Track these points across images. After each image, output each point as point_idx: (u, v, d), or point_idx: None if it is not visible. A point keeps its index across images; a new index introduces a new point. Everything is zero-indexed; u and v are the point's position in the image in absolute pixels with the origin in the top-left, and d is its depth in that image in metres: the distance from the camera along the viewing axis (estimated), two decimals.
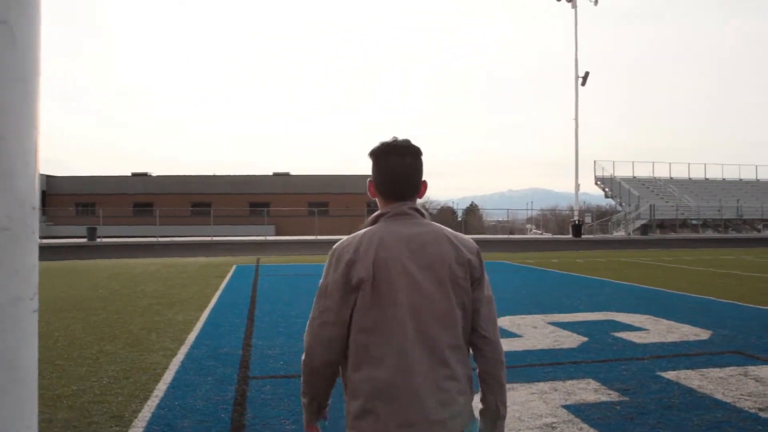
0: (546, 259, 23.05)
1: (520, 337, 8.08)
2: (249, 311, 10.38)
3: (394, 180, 2.18)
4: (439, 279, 2.07)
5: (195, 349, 7.40)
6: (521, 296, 12.16)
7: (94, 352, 7.28)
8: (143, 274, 16.97)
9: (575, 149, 43.91)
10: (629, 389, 5.64)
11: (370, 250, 2.06)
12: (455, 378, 2.07)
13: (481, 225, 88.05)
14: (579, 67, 44.13)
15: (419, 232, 2.12)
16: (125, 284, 14.50)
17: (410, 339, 2.02)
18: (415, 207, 2.19)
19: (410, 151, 2.17)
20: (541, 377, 6.08)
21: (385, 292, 2.04)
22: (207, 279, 15.72)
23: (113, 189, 60.40)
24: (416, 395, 1.99)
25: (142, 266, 19.93)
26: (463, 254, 2.13)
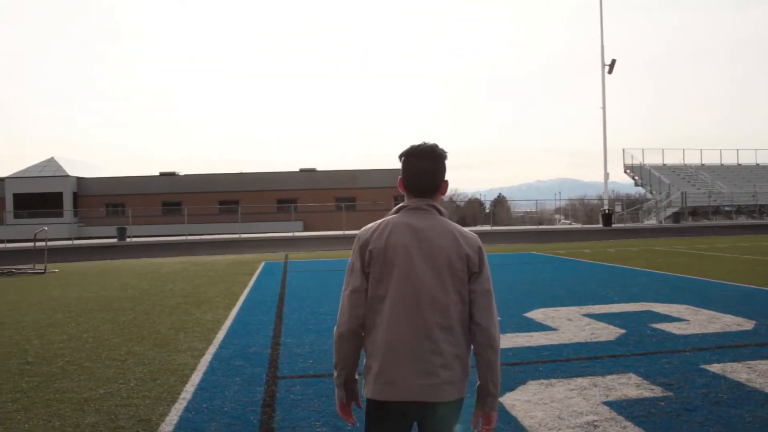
0: (577, 249, 22.69)
1: (556, 330, 7.84)
2: (277, 308, 10.27)
3: (415, 179, 2.56)
4: (438, 267, 2.44)
5: (223, 349, 7.28)
6: (554, 288, 11.89)
7: (123, 353, 7.20)
8: (171, 273, 16.97)
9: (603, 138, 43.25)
10: (673, 384, 5.39)
11: (383, 235, 2.50)
12: (440, 353, 2.40)
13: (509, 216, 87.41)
14: (605, 55, 43.42)
15: (429, 226, 2.51)
16: (154, 284, 14.49)
17: (404, 313, 2.42)
18: (433, 204, 2.56)
19: (431, 155, 2.54)
20: (579, 372, 5.85)
21: (389, 270, 2.45)
22: (235, 276, 15.66)
23: (142, 189, 60.90)
24: (401, 360, 2.40)
25: (170, 265, 19.97)
26: (463, 249, 2.47)
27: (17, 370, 6.51)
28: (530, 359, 6.41)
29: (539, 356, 6.53)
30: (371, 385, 2.46)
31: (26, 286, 14.88)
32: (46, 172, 61.12)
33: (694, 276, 13.24)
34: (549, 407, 4.90)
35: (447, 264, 2.44)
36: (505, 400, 5.10)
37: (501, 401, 5.04)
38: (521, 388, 5.41)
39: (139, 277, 16.29)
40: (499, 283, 12.84)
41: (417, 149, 2.56)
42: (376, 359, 2.45)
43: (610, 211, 39.70)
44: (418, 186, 2.57)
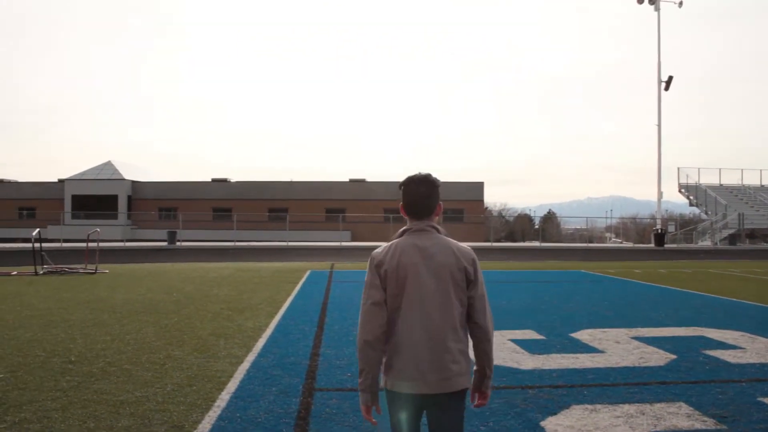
0: (627, 269, 22.14)
1: (602, 352, 7.57)
2: (319, 318, 10.20)
3: (413, 204, 3.02)
4: (442, 279, 2.91)
5: (262, 357, 7.23)
6: (602, 308, 11.56)
7: (162, 357, 7.20)
8: (218, 279, 17.10)
9: (658, 156, 42.30)
10: (727, 416, 5.10)
11: (395, 256, 2.94)
12: (449, 351, 2.87)
13: (559, 233, 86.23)
14: (662, 71, 42.53)
15: (431, 244, 2.97)
16: (199, 288, 14.59)
17: (417, 319, 2.86)
18: (433, 225, 3.03)
19: (426, 182, 3.02)
20: (626, 398, 5.60)
21: (402, 286, 2.90)
22: (280, 284, 15.68)
23: (194, 194, 61.96)
24: (417, 359, 2.84)
25: (217, 270, 20.14)
26: (461, 263, 2.95)
27: (60, 369, 6.56)
28: (575, 382, 6.18)
29: (584, 379, 6.30)
30: (394, 380, 2.88)
31: (76, 286, 15.16)
32: (102, 175, 62.72)
33: (751, 301, 12.73)
34: None
35: (449, 276, 2.92)
36: (547, 424, 4.90)
37: (543, 425, 4.87)
38: (564, 412, 5.20)
39: (185, 280, 16.44)
40: (545, 301, 12.56)
41: (413, 179, 3.03)
42: (397, 359, 2.88)
43: (663, 231, 38.75)
44: (417, 210, 3.03)
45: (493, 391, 5.80)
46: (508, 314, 10.71)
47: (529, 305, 11.90)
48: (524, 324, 9.68)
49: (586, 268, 22.20)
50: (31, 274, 18.27)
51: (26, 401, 5.41)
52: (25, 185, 64.72)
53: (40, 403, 5.38)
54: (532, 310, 11.29)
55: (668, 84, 42.14)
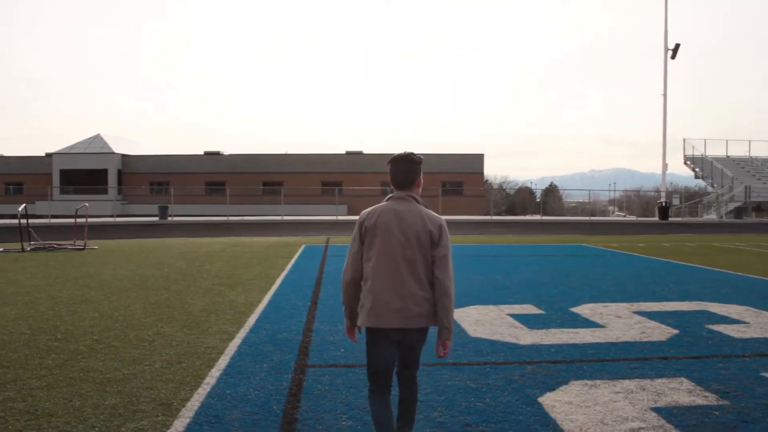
0: (630, 242, 22.16)
1: (603, 327, 7.58)
2: (313, 294, 10.20)
3: (396, 177, 3.77)
4: (409, 238, 3.63)
5: (253, 333, 7.23)
6: (604, 282, 11.57)
7: (151, 334, 7.19)
8: (210, 254, 17.09)
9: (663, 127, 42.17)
10: (729, 392, 5.10)
11: (374, 216, 3.71)
12: (412, 295, 3.61)
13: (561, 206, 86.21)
14: (669, 39, 42.22)
15: (406, 209, 3.69)
16: (191, 264, 14.59)
17: (386, 267, 3.63)
18: (411, 194, 3.74)
19: (407, 160, 3.75)
20: (627, 374, 5.60)
21: (377, 241, 3.67)
22: (274, 259, 15.68)
23: (186, 168, 61.73)
24: (385, 298, 3.60)
25: (209, 245, 20.12)
26: (428, 226, 3.65)
27: (45, 347, 6.55)
28: (574, 357, 6.19)
29: (584, 355, 6.30)
30: (365, 317, 3.65)
31: (65, 262, 15.14)
32: (92, 148, 62.44)
33: (756, 276, 12.75)
34: (592, 410, 4.68)
35: (415, 235, 3.64)
36: (545, 400, 4.90)
37: (540, 401, 4.88)
38: (563, 388, 5.20)
39: (176, 256, 16.43)
40: (545, 276, 12.56)
41: (398, 157, 3.77)
42: (368, 299, 3.65)
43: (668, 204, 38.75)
44: (399, 182, 3.77)
45: (490, 366, 5.83)
46: (507, 289, 10.72)
47: (529, 280, 11.91)
48: (524, 299, 9.69)
49: (589, 242, 22.21)
50: (18, 250, 18.24)
51: (10, 380, 5.40)
52: (11, 159, 64.42)
53: (24, 381, 5.37)
54: (532, 284, 11.29)
55: (675, 52, 41.86)
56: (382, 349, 3.68)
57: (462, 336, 7.11)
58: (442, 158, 61.64)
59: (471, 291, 10.39)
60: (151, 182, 61.30)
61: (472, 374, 5.62)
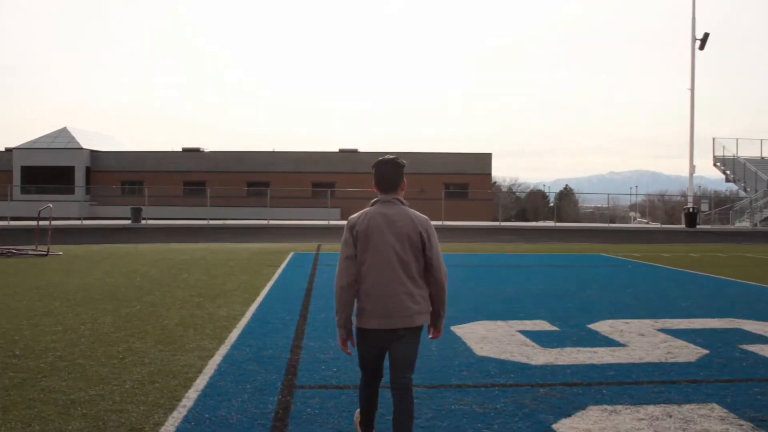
0: (654, 252, 22.18)
1: (624, 346, 7.56)
2: (302, 306, 10.20)
3: (380, 181, 4.29)
4: (401, 239, 4.14)
5: (235, 350, 7.20)
6: (625, 296, 11.56)
7: (121, 350, 7.16)
8: (188, 261, 17.07)
9: (690, 125, 42.24)
10: (766, 419, 5.07)
11: (364, 221, 4.21)
12: (409, 294, 4.13)
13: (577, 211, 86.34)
14: (696, 28, 42.32)
15: (395, 212, 4.21)
16: (166, 272, 14.56)
17: (381, 270, 4.12)
18: (397, 197, 4.28)
19: (390, 163, 4.29)
20: (651, 398, 5.58)
21: (369, 244, 4.16)
22: (258, 268, 15.67)
23: (162, 166, 61.69)
24: (383, 300, 4.10)
25: (187, 252, 20.11)
26: (417, 228, 4.18)
27: (1, 364, 6.51)
28: (592, 380, 6.16)
29: (604, 377, 6.28)
30: (366, 319, 4.15)
31: (25, 270, 15.10)
32: (57, 143, 62.37)
33: None
34: None
35: (407, 237, 4.17)
36: (560, 427, 4.87)
37: (554, 428, 4.86)
38: (580, 414, 5.17)
39: (150, 264, 16.40)
40: (560, 288, 12.55)
41: (382, 161, 4.33)
42: (367, 302, 4.15)
43: (695, 210, 38.80)
44: (384, 185, 4.30)
45: (499, 389, 5.81)
46: (517, 302, 10.70)
47: (542, 292, 11.90)
48: (536, 313, 9.67)
49: (608, 251, 22.22)
50: None
51: None
52: None
53: None
54: (545, 297, 11.28)
55: (704, 42, 41.97)
56: (375, 349, 4.23)
57: (468, 355, 7.08)
58: (445, 158, 61.72)
59: (478, 305, 10.36)
60: (123, 181, 61.23)
61: (478, 398, 5.59)
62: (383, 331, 4.12)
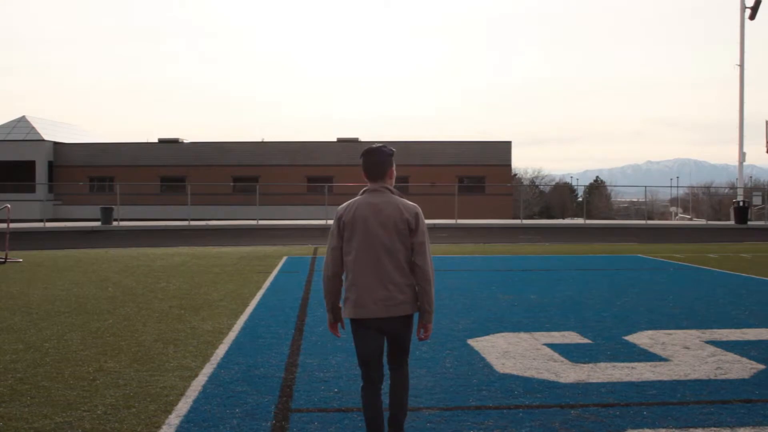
0: (699, 253, 22.15)
1: (667, 360, 7.55)
2: (298, 318, 10.21)
3: (368, 169, 4.89)
4: (388, 227, 4.70)
5: (222, 369, 7.22)
6: (666, 304, 11.55)
7: (92, 370, 7.17)
8: (167, 268, 17.09)
9: (739, 106, 42.22)
10: None
11: (351, 210, 4.81)
12: (395, 283, 4.69)
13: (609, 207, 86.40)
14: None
15: (382, 201, 4.78)
16: (142, 281, 14.59)
17: (367, 258, 4.70)
18: (386, 186, 4.86)
19: (378, 152, 4.88)
20: (699, 421, 5.58)
21: (356, 233, 4.74)
22: (247, 274, 15.69)
23: (136, 159, 61.85)
24: (368, 289, 4.68)
25: (166, 257, 20.14)
26: (404, 215, 4.74)
27: None
28: (631, 400, 6.16)
29: (644, 396, 6.27)
30: (350, 309, 4.75)
31: None
32: (15, 134, 62.50)
33: None
34: None
35: (393, 225, 4.73)
36: None
37: None
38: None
39: (124, 271, 16.43)
40: (591, 295, 12.54)
41: (369, 150, 4.91)
42: (352, 291, 4.75)
43: (746, 204, 38.77)
44: (371, 173, 4.90)
45: (523, 410, 5.81)
46: (544, 311, 10.69)
47: (571, 300, 11.89)
48: (564, 324, 9.67)
49: (645, 252, 22.20)
50: None
51: None
52: None
53: None
54: (575, 305, 11.27)
55: (755, 10, 41.87)
56: (369, 339, 4.77)
57: (487, 372, 7.08)
58: (459, 147, 61.74)
59: (497, 314, 10.36)
60: (91, 177, 61.41)
61: (500, 421, 5.59)
62: (371, 321, 4.70)
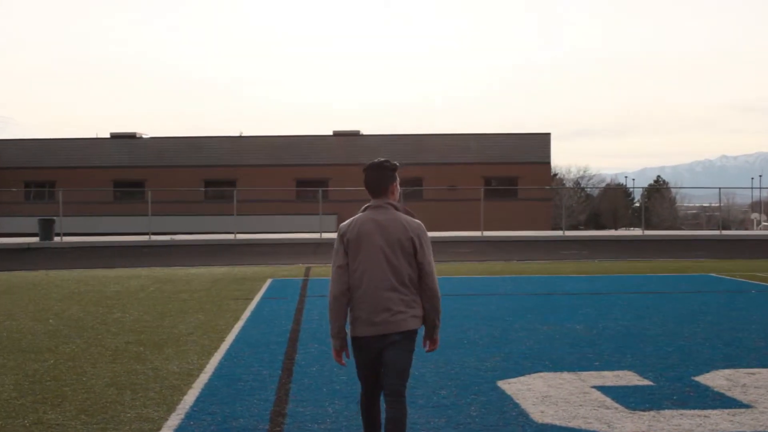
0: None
1: (749, 407, 7.56)
2: (286, 356, 10.23)
3: (369, 185, 5.84)
4: (393, 246, 5.66)
5: (192, 421, 7.23)
6: (748, 335, 11.53)
7: (28, 423, 7.18)
8: (122, 294, 17.09)
9: None
10: None
11: (355, 228, 5.76)
12: (400, 301, 5.62)
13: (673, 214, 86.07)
14: None
15: (386, 218, 5.72)
16: (91, 310, 14.59)
17: (372, 277, 5.65)
18: (390, 202, 5.78)
19: (379, 167, 5.83)
20: None
21: (360, 251, 5.71)
22: (223, 302, 15.69)
23: (83, 159, 61.75)
24: (374, 308, 5.62)
25: (121, 281, 20.14)
26: (408, 234, 5.68)
27: None
28: None
29: None
30: (357, 327, 5.65)
31: None
32: None
33: None
34: None
35: (398, 243, 5.66)
36: None
37: None
38: None
39: (69, 299, 16.44)
40: (652, 324, 12.52)
41: (370, 164, 5.84)
42: (360, 310, 5.64)
43: None
44: (373, 189, 5.82)
45: None
46: (592, 345, 10.66)
47: (626, 331, 11.87)
48: (618, 362, 9.67)
49: (720, 271, 22.15)
50: None
51: None
52: None
53: None
54: (631, 338, 11.25)
55: None
56: (372, 358, 5.70)
57: (522, 422, 7.07)
58: (485, 140, 61.64)
59: (535, 350, 10.34)
60: (27, 182, 61.48)
61: None
62: (374, 338, 5.62)
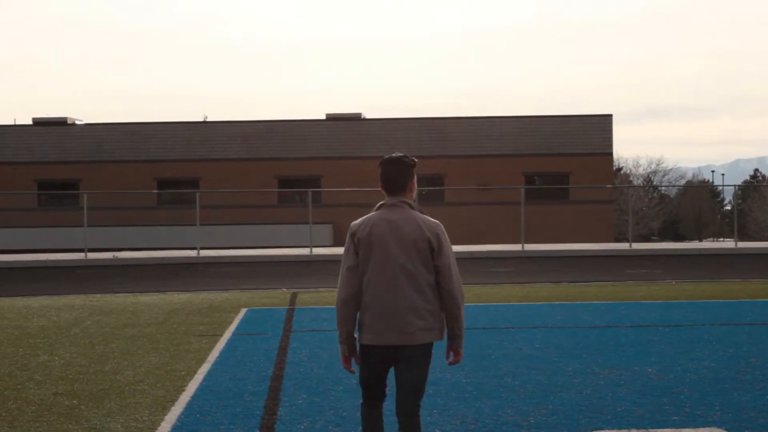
0: None
1: None
2: (265, 410, 10.25)
3: (386, 182, 7.01)
4: (407, 247, 6.77)
5: None
6: None
7: None
8: (50, 330, 17.11)
9: None
10: None
11: (367, 227, 6.93)
12: (414, 309, 6.68)
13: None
14: None
15: (400, 218, 6.86)
16: (9, 352, 14.64)
17: (385, 281, 6.78)
18: (405, 200, 6.96)
19: (397, 163, 6.99)
20: None
21: (372, 252, 6.87)
22: (182, 338, 15.71)
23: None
24: (383, 314, 6.73)
25: (48, 312, 20.15)
26: (425, 234, 6.79)
27: None
28: None
29: None
30: (366, 335, 6.66)
31: None
32: None
33: None
34: None
35: (413, 244, 6.64)
36: None
37: None
38: None
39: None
40: (751, 366, 12.48)
41: (388, 159, 6.87)
42: (367, 316, 6.65)
43: None
44: (390, 186, 6.83)
45: None
46: (669, 394, 10.65)
47: (715, 375, 11.88)
48: (705, 415, 9.70)
49: None
50: None
51: None
52: None
53: None
54: (719, 385, 11.26)
55: None
56: (380, 367, 6.75)
57: None
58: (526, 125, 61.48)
59: (593, 400, 10.35)
60: None
61: None
62: (383, 348, 6.60)
